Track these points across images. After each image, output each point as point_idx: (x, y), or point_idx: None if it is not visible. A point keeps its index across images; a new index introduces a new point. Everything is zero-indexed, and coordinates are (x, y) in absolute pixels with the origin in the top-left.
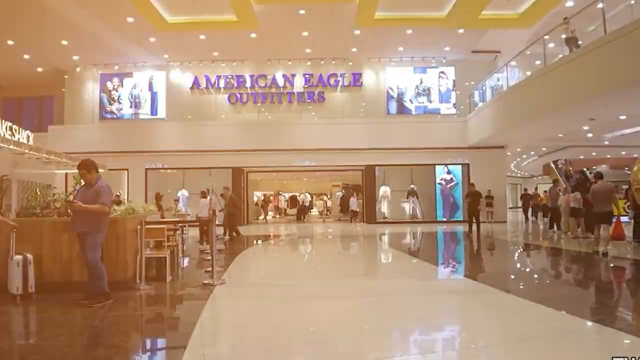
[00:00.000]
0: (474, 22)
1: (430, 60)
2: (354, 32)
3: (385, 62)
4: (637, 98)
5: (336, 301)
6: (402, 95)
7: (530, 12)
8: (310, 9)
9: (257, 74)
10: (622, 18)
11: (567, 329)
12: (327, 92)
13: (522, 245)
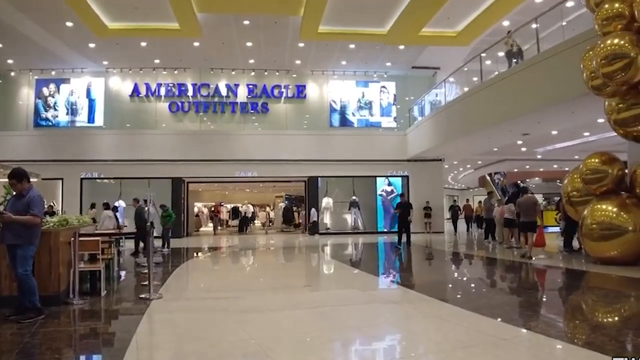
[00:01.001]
0: (414, 39)
1: (372, 75)
2: (298, 44)
3: (329, 75)
4: (568, 114)
5: (277, 313)
6: (344, 108)
7: (467, 30)
8: (255, 19)
9: (200, 82)
10: (555, 37)
11: (501, 336)
12: (270, 103)
13: (459, 255)
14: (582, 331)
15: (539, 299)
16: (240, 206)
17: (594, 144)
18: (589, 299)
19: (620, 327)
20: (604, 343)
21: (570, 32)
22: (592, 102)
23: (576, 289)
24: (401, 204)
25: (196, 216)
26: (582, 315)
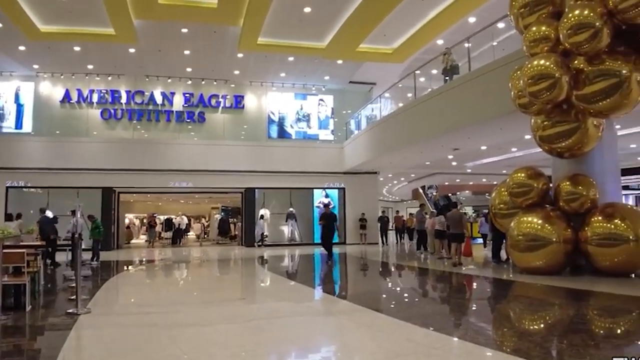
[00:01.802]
0: (352, 55)
1: (311, 88)
2: (237, 55)
3: (268, 86)
4: (497, 131)
5: (210, 327)
6: (283, 119)
7: (403, 48)
8: (194, 28)
9: (134, 89)
10: (486, 57)
11: (433, 345)
12: (207, 113)
13: (392, 266)
14: (509, 338)
15: (469, 308)
16: (174, 218)
17: (520, 159)
18: (516, 307)
19: (545, 334)
20: (529, 349)
21: (500, 52)
22: (519, 119)
23: (504, 298)
24: (325, 215)
25: (127, 228)
26: (509, 323)
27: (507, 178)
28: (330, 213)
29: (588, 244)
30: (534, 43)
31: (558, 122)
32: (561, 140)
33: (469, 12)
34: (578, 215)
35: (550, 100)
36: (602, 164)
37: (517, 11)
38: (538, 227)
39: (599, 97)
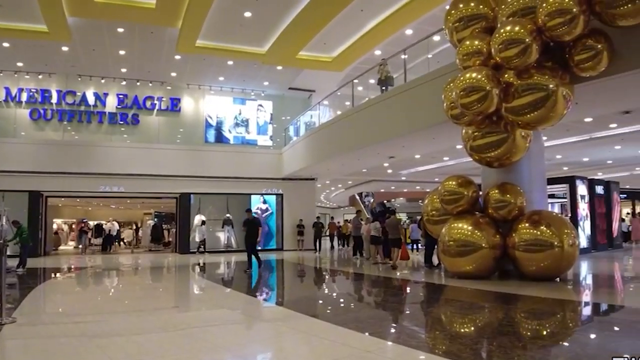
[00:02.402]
0: (292, 61)
1: (250, 93)
2: (175, 56)
3: (205, 89)
4: (430, 140)
5: (142, 336)
6: (220, 124)
7: (342, 57)
8: (130, 28)
9: (66, 89)
10: (422, 68)
11: (366, 349)
12: (142, 115)
13: (329, 272)
14: (441, 341)
15: (403, 311)
16: (105, 223)
17: (452, 168)
18: (448, 311)
19: (475, 336)
20: (460, 351)
21: (435, 64)
22: (451, 129)
23: (436, 302)
24: (247, 221)
25: (55, 233)
26: (441, 326)
27: (439, 186)
28: (254, 219)
29: (515, 250)
30: (467, 56)
31: (488, 132)
32: (491, 150)
33: (406, 25)
34: (506, 222)
35: (481, 111)
36: (529, 173)
37: (452, 25)
38: (468, 233)
39: (527, 109)
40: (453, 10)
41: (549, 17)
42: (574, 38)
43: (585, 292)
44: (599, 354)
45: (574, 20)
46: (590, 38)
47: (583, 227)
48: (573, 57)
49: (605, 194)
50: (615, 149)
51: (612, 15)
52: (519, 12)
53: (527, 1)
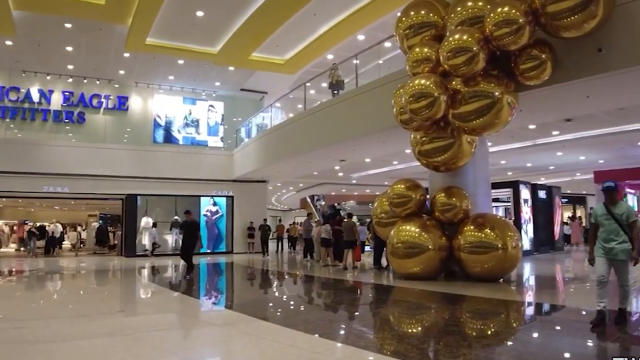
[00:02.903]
0: (244, 62)
1: (201, 93)
2: (123, 54)
3: (155, 88)
4: (380, 144)
5: (87, 341)
6: (170, 124)
7: (294, 60)
8: (78, 23)
9: (9, 85)
10: (373, 74)
11: (315, 350)
12: (88, 114)
13: (279, 274)
14: (389, 341)
15: (352, 313)
16: (48, 225)
17: (402, 172)
18: (395, 311)
19: (422, 336)
20: (407, 351)
21: (386, 70)
22: (400, 134)
23: (384, 303)
24: (186, 223)
25: None
26: (389, 326)
27: (388, 189)
28: (192, 221)
29: (461, 252)
30: (416, 63)
31: (435, 138)
32: (438, 155)
33: (358, 30)
34: (452, 225)
35: (429, 117)
36: (474, 178)
37: (403, 32)
38: (415, 236)
39: (473, 116)
40: (404, 17)
41: (496, 27)
42: (519, 48)
43: (527, 292)
44: (540, 352)
45: (519, 30)
46: (535, 48)
47: (526, 230)
48: (518, 66)
49: (547, 198)
50: (557, 155)
51: (556, 26)
52: (468, 21)
53: (475, 11)
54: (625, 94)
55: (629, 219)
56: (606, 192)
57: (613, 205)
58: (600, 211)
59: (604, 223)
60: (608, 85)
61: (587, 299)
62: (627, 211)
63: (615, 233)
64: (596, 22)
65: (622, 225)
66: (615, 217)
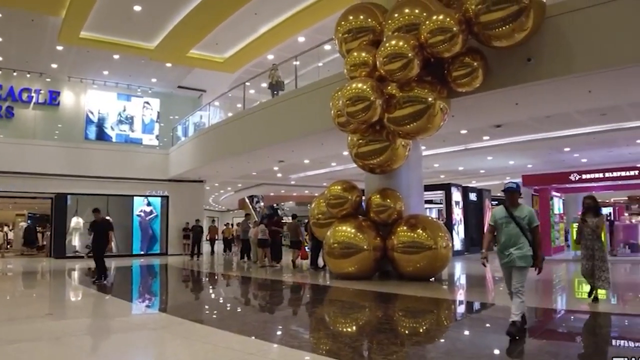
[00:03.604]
0: (182, 59)
1: (136, 89)
2: (56, 47)
3: (88, 83)
4: (318, 146)
5: (13, 345)
6: (103, 120)
7: (234, 58)
8: (8, 14)
9: None
10: (313, 76)
11: (248, 351)
12: (17, 108)
13: (215, 276)
14: (323, 340)
15: (287, 313)
16: None
17: (340, 173)
18: (330, 311)
19: (355, 334)
20: (340, 349)
21: (326, 72)
22: (338, 136)
23: (320, 303)
24: (94, 223)
25: None
26: (323, 326)
27: (325, 190)
28: (102, 220)
29: (394, 252)
30: (354, 67)
31: (371, 140)
32: (373, 157)
33: (299, 32)
34: (386, 226)
35: (365, 120)
36: (408, 180)
37: (342, 36)
38: (351, 236)
39: (407, 120)
40: (343, 21)
41: (431, 34)
42: (453, 55)
43: (458, 291)
44: (468, 348)
45: (453, 38)
46: (467, 56)
47: (457, 230)
48: (451, 73)
49: (478, 200)
50: (488, 159)
51: (489, 36)
52: (404, 28)
53: (411, 18)
54: (551, 102)
55: (531, 224)
56: (507, 194)
57: (514, 208)
58: (500, 214)
59: (504, 227)
60: (536, 93)
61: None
62: (530, 215)
63: (516, 238)
64: (526, 33)
65: (524, 229)
66: (517, 221)
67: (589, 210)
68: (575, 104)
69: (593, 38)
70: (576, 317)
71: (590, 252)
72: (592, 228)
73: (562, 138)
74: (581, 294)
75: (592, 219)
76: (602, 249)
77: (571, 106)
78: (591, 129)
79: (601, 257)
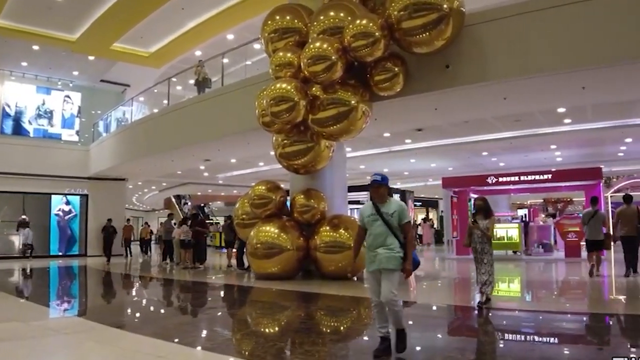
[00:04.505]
0: (105, 52)
1: (56, 82)
2: None
3: (5, 75)
4: (244, 145)
5: None
6: (20, 114)
7: (160, 53)
8: None
9: None
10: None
11: (158, 354)
12: None
13: (136, 278)
14: (240, 341)
15: (207, 315)
16: None
17: (267, 173)
18: (251, 312)
19: (275, 335)
20: (254, 350)
21: (255, 71)
22: (264, 136)
23: (240, 304)
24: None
25: None
26: (243, 327)
27: (250, 190)
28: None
29: (317, 251)
30: (279, 67)
31: (296, 141)
32: (298, 158)
33: (227, 29)
34: (310, 226)
35: (289, 121)
36: (332, 181)
37: (268, 35)
38: (275, 236)
39: (330, 122)
40: (270, 21)
41: (354, 38)
42: (375, 60)
43: None
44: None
45: (375, 43)
46: (389, 61)
47: None
48: (373, 77)
49: (401, 201)
50: (411, 162)
51: (409, 42)
52: (329, 31)
53: (336, 21)
54: (469, 108)
55: (401, 220)
56: (372, 187)
57: (382, 204)
58: (367, 211)
59: (371, 225)
60: (454, 99)
61: (437, 296)
62: (399, 210)
63: (383, 237)
64: (445, 41)
65: (392, 227)
66: (384, 218)
67: (479, 211)
68: (491, 110)
69: (508, 47)
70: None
71: (480, 255)
72: (483, 230)
73: (480, 142)
74: None
75: (482, 221)
76: (490, 253)
77: (487, 112)
78: (507, 134)
79: (489, 261)
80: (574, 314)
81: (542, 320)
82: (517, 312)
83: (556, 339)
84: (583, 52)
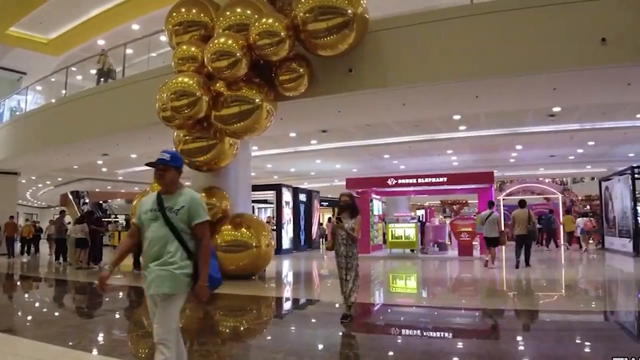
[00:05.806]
0: (0, 37)
1: None
2: None
3: None
4: (145, 140)
5: None
6: None
7: (60, 40)
8: None
9: None
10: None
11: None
12: None
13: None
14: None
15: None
16: None
17: None
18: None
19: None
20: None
21: (160, 64)
22: (166, 131)
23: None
24: None
25: None
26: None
27: (147, 187)
28: None
29: (217, 251)
30: (182, 61)
31: (198, 137)
32: (200, 154)
33: (133, 19)
34: (212, 225)
35: (191, 116)
36: (235, 179)
37: (172, 28)
38: None
39: (234, 119)
40: (175, 12)
41: (259, 36)
42: (280, 59)
43: (283, 288)
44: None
45: (280, 43)
46: (294, 62)
47: (287, 230)
48: (278, 76)
49: (307, 201)
50: (317, 163)
51: (314, 44)
52: (235, 27)
53: (242, 18)
54: (370, 112)
55: (192, 220)
56: (155, 171)
57: (168, 195)
58: (147, 204)
59: (148, 226)
60: (357, 102)
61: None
62: (191, 205)
63: (161, 244)
64: (349, 45)
65: (177, 230)
66: (166, 216)
67: (345, 209)
68: (392, 115)
69: (407, 55)
70: None
71: (345, 260)
72: (347, 231)
73: (382, 146)
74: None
75: (348, 221)
76: (356, 256)
77: (388, 116)
78: (407, 138)
79: (353, 266)
80: (467, 309)
81: (437, 316)
82: (414, 308)
83: (449, 333)
84: (475, 63)
